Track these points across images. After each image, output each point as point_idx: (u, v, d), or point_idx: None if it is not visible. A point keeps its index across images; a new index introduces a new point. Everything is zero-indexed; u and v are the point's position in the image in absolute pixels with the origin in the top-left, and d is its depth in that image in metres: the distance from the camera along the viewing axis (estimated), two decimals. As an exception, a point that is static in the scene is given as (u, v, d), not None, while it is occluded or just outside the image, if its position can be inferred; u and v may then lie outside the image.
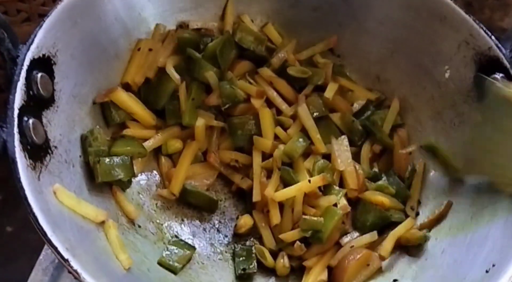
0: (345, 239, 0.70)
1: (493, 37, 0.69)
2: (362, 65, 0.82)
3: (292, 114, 0.75)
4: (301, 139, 0.72)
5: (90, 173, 0.64)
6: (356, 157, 0.75)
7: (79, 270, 0.47)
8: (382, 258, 0.67)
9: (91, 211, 0.59)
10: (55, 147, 0.59)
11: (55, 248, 0.48)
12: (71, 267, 0.47)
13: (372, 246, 0.69)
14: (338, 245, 0.70)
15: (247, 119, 0.74)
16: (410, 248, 0.69)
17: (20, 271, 0.74)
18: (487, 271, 0.56)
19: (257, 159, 0.72)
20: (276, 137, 0.74)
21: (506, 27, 0.98)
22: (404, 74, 0.79)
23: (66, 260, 0.48)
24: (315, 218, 0.66)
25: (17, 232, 0.84)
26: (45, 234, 0.48)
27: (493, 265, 0.56)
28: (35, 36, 0.59)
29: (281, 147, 0.72)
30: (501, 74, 0.68)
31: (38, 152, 0.56)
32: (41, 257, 0.72)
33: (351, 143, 0.75)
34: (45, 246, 0.72)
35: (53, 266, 0.71)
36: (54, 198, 0.55)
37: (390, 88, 0.81)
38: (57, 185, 0.56)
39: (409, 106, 0.79)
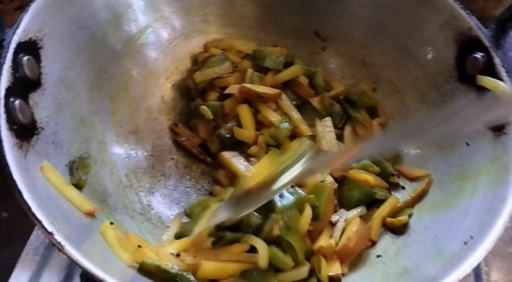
0: (336, 217, 0.71)
1: (473, 17, 0.70)
2: (348, 49, 0.83)
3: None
4: (285, 123, 0.74)
5: (77, 154, 0.65)
6: (339, 139, 0.77)
7: (62, 243, 0.49)
8: (373, 242, 0.68)
9: (77, 197, 0.60)
10: (42, 128, 0.60)
11: (40, 222, 0.49)
12: (55, 240, 0.49)
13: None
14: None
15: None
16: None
17: (14, 255, 0.75)
18: (465, 243, 0.57)
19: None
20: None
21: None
22: (388, 57, 0.80)
23: (50, 233, 0.49)
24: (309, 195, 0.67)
25: (11, 218, 0.85)
26: (29, 209, 0.50)
27: (471, 237, 0.57)
28: (21, 20, 0.60)
29: (266, 131, 0.73)
30: (481, 54, 0.69)
31: (25, 132, 0.57)
32: (32, 237, 0.74)
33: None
34: (36, 227, 0.73)
35: (43, 246, 0.73)
36: (41, 176, 0.57)
37: (375, 71, 0.82)
38: (45, 162, 0.58)
39: (394, 89, 0.80)
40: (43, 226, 0.49)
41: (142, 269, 0.58)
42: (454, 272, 0.53)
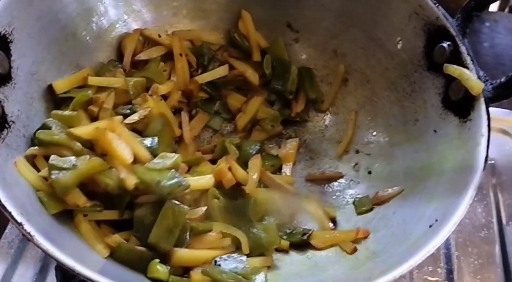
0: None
1: (440, 7, 0.71)
2: (320, 40, 0.85)
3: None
4: None
5: (49, 147, 0.66)
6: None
7: (32, 233, 0.49)
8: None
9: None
10: (13, 122, 0.61)
11: (9, 213, 0.50)
12: (25, 230, 0.49)
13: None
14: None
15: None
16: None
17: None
18: (430, 226, 0.59)
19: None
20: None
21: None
22: (359, 47, 0.82)
23: (20, 223, 0.50)
24: None
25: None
26: (-1, 200, 0.50)
27: (436, 220, 0.59)
28: (-11, 15, 0.60)
29: None
30: (448, 42, 0.70)
31: (-5, 125, 0.58)
32: (6, 230, 0.74)
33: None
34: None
35: (18, 239, 0.74)
36: (12, 169, 0.57)
37: (347, 62, 0.83)
38: (19, 157, 0.58)
39: (365, 78, 0.82)
40: (12, 217, 0.50)
41: (115, 254, 0.59)
42: (419, 253, 0.54)
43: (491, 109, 0.97)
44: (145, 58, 0.77)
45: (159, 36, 0.79)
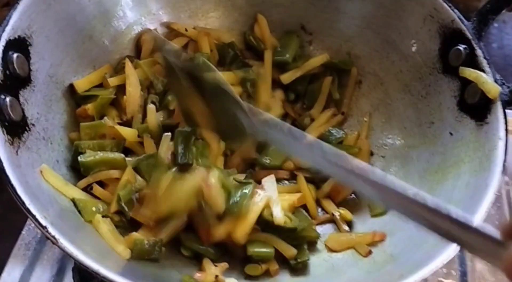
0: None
1: (455, 10, 0.72)
2: (334, 42, 0.85)
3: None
4: None
5: (68, 150, 0.66)
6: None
7: (57, 236, 0.50)
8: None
9: (79, 196, 0.63)
10: (33, 125, 0.61)
11: (33, 216, 0.50)
12: (49, 233, 0.50)
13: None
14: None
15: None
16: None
17: (7, 250, 0.75)
18: (448, 230, 0.59)
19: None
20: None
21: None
22: (373, 49, 0.82)
23: (44, 227, 0.50)
24: None
25: (3, 214, 0.85)
26: (23, 203, 0.50)
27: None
28: (10, 18, 0.61)
29: None
30: (464, 46, 0.70)
31: (16, 128, 0.58)
32: (23, 232, 0.74)
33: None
34: (27, 222, 0.74)
35: (35, 240, 0.74)
36: (33, 172, 0.57)
37: (360, 64, 0.83)
38: (44, 165, 0.60)
39: (379, 81, 0.82)
40: (37, 220, 0.50)
41: (134, 253, 0.60)
42: (438, 258, 0.54)
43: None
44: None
45: (186, 30, 0.79)
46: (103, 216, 0.62)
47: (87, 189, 0.66)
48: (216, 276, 0.59)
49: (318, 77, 0.83)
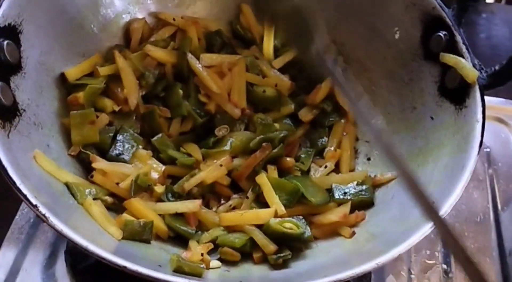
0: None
1: (436, -3, 0.74)
2: (319, 30, 0.86)
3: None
4: None
5: (58, 135, 0.68)
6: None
7: (47, 215, 0.52)
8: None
9: (72, 180, 0.64)
10: (24, 110, 0.63)
11: (24, 196, 0.52)
12: (40, 211, 0.51)
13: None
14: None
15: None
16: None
17: (0, 235, 0.77)
18: (427, 209, 0.61)
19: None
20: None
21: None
22: (358, 37, 0.83)
23: (35, 206, 0.52)
24: None
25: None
26: (14, 183, 0.52)
27: (433, 203, 0.61)
28: (0, 6, 0.62)
29: None
30: (444, 32, 0.72)
31: (7, 113, 0.60)
32: (17, 217, 0.76)
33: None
34: (21, 207, 0.76)
35: (28, 225, 0.76)
36: (25, 155, 0.59)
37: (345, 51, 0.85)
38: (37, 150, 0.61)
39: (364, 68, 0.84)
40: (27, 199, 0.52)
41: (126, 234, 0.62)
42: (416, 234, 0.56)
43: (487, 98, 1.00)
44: (157, 39, 0.79)
45: (174, 19, 0.81)
46: (94, 199, 0.64)
47: (86, 176, 0.68)
48: (202, 254, 0.61)
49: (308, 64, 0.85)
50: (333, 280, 0.52)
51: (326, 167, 0.76)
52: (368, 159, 0.79)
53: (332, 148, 0.79)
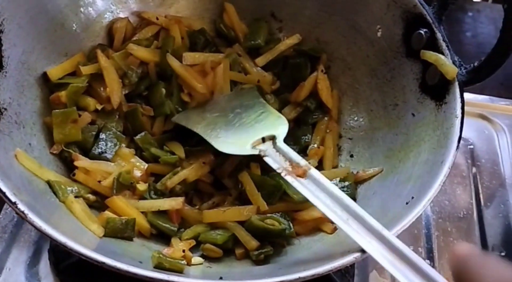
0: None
1: (417, -5, 0.74)
2: (303, 29, 0.87)
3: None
4: None
5: (40, 133, 0.68)
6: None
7: (26, 211, 0.52)
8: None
9: (54, 178, 0.65)
10: (5, 109, 0.63)
11: (3, 193, 0.52)
12: (18, 209, 0.52)
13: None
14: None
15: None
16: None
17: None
18: (407, 203, 0.62)
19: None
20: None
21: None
22: (341, 35, 0.84)
23: (14, 203, 0.52)
24: None
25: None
26: (-8, 180, 0.52)
27: (412, 198, 0.62)
28: (-20, 6, 0.62)
29: None
30: (424, 29, 0.73)
31: (-12, 112, 0.60)
32: (0, 216, 0.76)
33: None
34: (4, 206, 0.76)
35: (12, 224, 0.76)
36: (6, 154, 0.59)
37: (329, 49, 0.86)
38: (18, 150, 0.61)
39: (347, 66, 0.84)
40: (6, 197, 0.52)
41: (108, 231, 0.62)
42: (394, 228, 0.57)
43: (472, 95, 1.02)
44: (140, 38, 0.79)
45: (157, 18, 0.81)
46: (76, 197, 0.64)
47: (68, 175, 0.68)
48: (183, 251, 0.61)
49: (291, 62, 0.85)
50: (311, 274, 0.52)
51: (309, 164, 0.76)
52: (351, 156, 0.80)
53: (315, 145, 0.80)
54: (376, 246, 0.53)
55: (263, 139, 0.70)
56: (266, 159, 0.67)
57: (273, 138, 0.69)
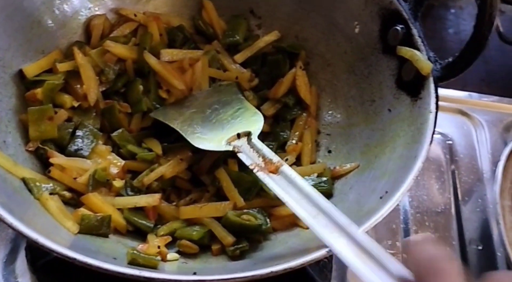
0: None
1: (393, -8, 0.75)
2: (282, 25, 0.87)
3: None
4: None
5: (15, 131, 0.68)
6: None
7: (-3, 209, 0.51)
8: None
9: (29, 175, 0.64)
10: (-20, 107, 0.63)
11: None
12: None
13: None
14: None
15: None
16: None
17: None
18: (381, 198, 0.62)
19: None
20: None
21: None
22: (320, 32, 0.84)
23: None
24: None
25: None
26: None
27: (386, 192, 0.62)
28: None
29: None
30: (401, 26, 0.73)
31: (-39, 109, 0.60)
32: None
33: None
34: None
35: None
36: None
37: (308, 46, 0.86)
38: None
39: (326, 62, 0.85)
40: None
41: (83, 228, 0.62)
42: (368, 222, 0.57)
43: (451, 91, 1.03)
44: (118, 35, 0.79)
45: (135, 15, 0.81)
46: (51, 194, 0.64)
47: (44, 172, 0.68)
48: (159, 247, 0.62)
49: (270, 59, 0.85)
50: (284, 268, 0.52)
51: (287, 160, 0.77)
52: (329, 152, 0.80)
53: (294, 141, 0.80)
54: (345, 242, 0.53)
55: (238, 135, 0.70)
56: (239, 155, 0.67)
57: (248, 134, 0.70)
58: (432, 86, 0.69)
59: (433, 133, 0.65)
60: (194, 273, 0.56)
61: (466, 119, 1.01)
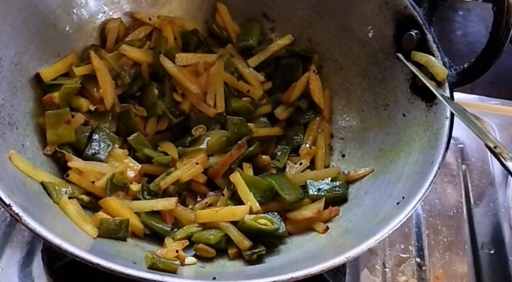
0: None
1: (407, -3, 0.75)
2: (295, 29, 0.87)
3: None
4: None
5: (33, 134, 0.68)
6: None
7: (20, 213, 0.52)
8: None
9: (48, 179, 0.65)
10: (-2, 110, 0.63)
11: (-3, 195, 0.52)
12: (13, 211, 0.52)
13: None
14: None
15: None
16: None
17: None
18: (398, 203, 0.63)
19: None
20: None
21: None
22: (332, 36, 0.85)
23: (8, 205, 0.52)
24: None
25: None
26: (-15, 182, 0.53)
27: (403, 198, 0.63)
28: (-27, 7, 0.62)
29: None
30: (415, 31, 0.74)
31: (-19, 113, 0.60)
32: (-7, 216, 0.76)
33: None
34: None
35: (4, 224, 0.76)
36: (-1, 155, 0.60)
37: (321, 50, 0.86)
38: (12, 151, 0.62)
39: (339, 66, 0.85)
40: (0, 199, 0.52)
41: (102, 232, 0.62)
42: (386, 228, 0.58)
43: (462, 95, 1.03)
44: (132, 38, 0.80)
45: (150, 19, 0.81)
46: (70, 198, 0.64)
47: (62, 176, 0.68)
48: (177, 251, 0.62)
49: (283, 63, 0.86)
50: (304, 274, 0.53)
51: (301, 164, 0.78)
52: (343, 156, 0.81)
53: (307, 145, 0.80)
54: None
55: None
56: None
57: None
58: (447, 92, 0.69)
59: (450, 139, 0.66)
60: (214, 278, 0.56)
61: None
